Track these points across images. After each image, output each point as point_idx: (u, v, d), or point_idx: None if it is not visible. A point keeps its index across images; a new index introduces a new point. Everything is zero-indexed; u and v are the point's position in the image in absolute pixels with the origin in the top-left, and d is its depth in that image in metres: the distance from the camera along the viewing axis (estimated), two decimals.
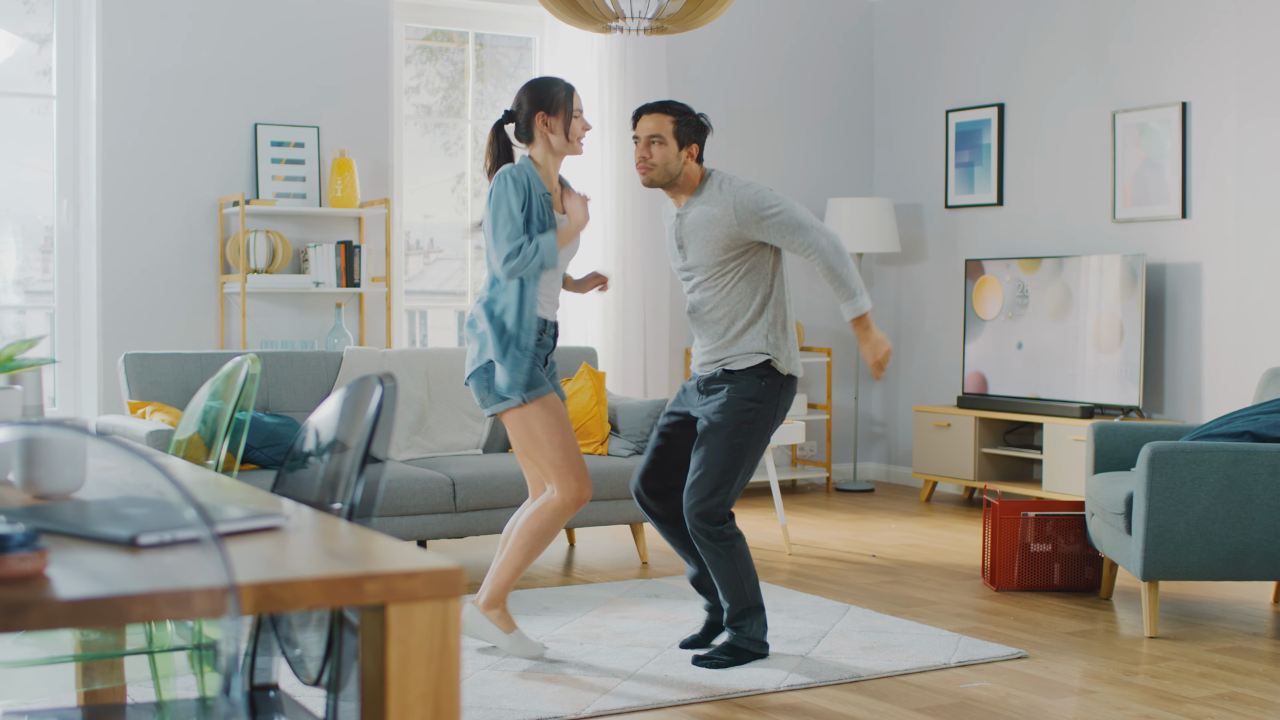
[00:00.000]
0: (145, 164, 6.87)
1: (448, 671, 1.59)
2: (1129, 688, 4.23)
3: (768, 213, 4.38)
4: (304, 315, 7.20)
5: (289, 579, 1.50)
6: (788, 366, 4.47)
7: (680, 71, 8.19)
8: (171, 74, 6.91)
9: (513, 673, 4.26)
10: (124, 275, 6.82)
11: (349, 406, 2.07)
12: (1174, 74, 7.14)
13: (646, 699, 4.01)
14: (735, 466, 4.40)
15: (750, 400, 4.42)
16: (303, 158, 7.21)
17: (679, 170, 4.48)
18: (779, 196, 4.44)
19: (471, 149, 8.12)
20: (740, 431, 4.40)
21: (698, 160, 4.51)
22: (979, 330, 7.93)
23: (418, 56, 8.46)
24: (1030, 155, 7.92)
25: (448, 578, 1.58)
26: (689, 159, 4.49)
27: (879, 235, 8.21)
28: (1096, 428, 5.56)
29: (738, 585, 4.44)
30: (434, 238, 9.31)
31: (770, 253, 4.47)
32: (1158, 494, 4.78)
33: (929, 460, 7.97)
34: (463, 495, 5.63)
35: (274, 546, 1.70)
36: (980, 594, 5.55)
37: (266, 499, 2.06)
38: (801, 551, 6.43)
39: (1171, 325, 7.18)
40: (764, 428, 4.45)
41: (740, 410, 4.41)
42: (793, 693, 4.14)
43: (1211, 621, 5.11)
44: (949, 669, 4.41)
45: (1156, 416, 7.23)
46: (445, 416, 6.27)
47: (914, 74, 8.61)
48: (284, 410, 5.98)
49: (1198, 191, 7.05)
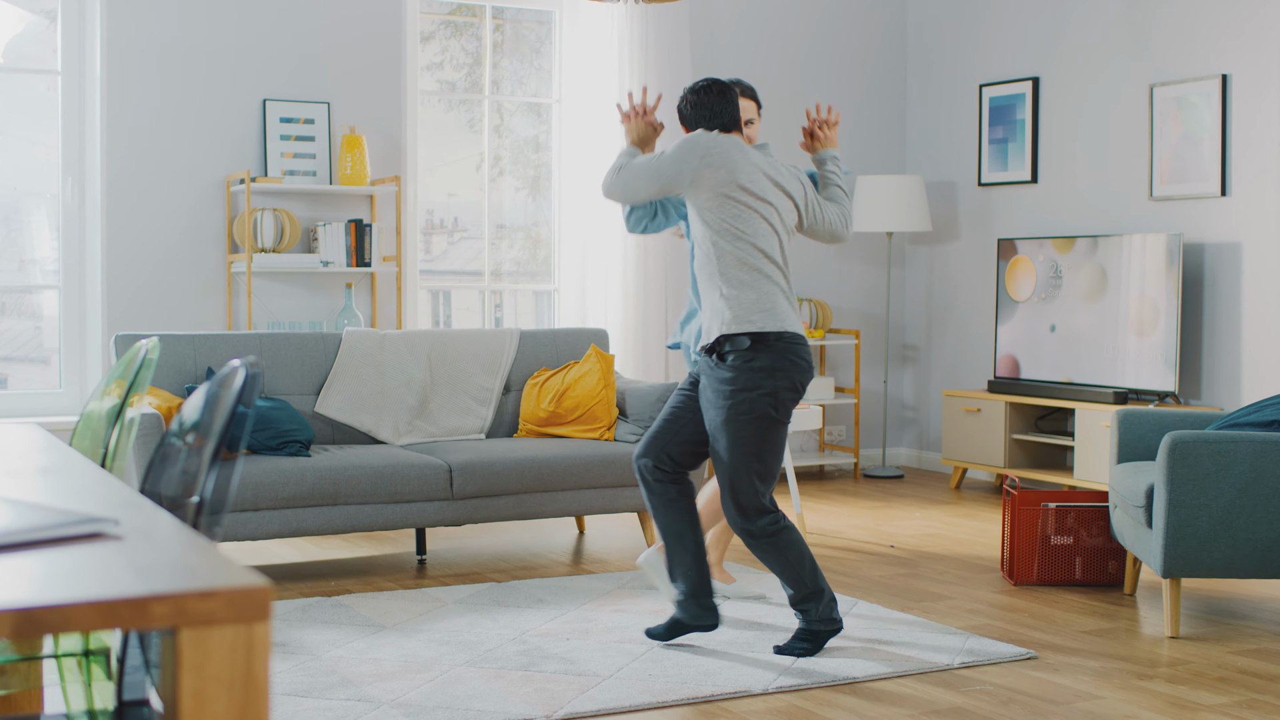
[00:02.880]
0: (151, 141, 6.72)
1: (253, 706, 1.39)
2: (1141, 693, 3.98)
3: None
4: (314, 295, 7.04)
5: (58, 603, 1.30)
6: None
7: (704, 45, 7.95)
8: (178, 49, 6.76)
9: (489, 670, 4.08)
10: (129, 255, 6.69)
11: (213, 394, 1.87)
12: (1214, 45, 6.82)
13: (623, 701, 3.80)
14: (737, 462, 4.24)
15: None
16: (313, 134, 7.05)
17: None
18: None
19: (489, 126, 7.92)
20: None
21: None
22: (1011, 312, 7.66)
23: (441, 32, 8.27)
24: (1065, 131, 7.62)
25: (252, 598, 1.38)
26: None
27: (910, 214, 7.95)
28: (1121, 415, 5.29)
29: (792, 574, 4.27)
30: (458, 217, 9.13)
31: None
32: (1179, 486, 4.52)
33: (959, 446, 7.71)
34: (460, 482, 5.45)
35: (76, 558, 1.51)
36: (998, 588, 5.31)
37: (124, 500, 1.88)
38: (818, 541, 6.20)
39: (1210, 307, 6.88)
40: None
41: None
42: (780, 695, 3.92)
43: (1238, 621, 4.84)
44: (951, 670, 4.17)
45: (1193, 402, 6.93)
46: (448, 400, 6.08)
47: (947, 46, 8.32)
48: (281, 393, 5.82)
49: (1238, 168, 6.73)
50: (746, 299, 4.18)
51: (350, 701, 3.76)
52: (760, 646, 4.36)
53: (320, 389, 5.90)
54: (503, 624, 4.60)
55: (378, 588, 5.22)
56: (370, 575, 5.46)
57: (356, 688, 3.89)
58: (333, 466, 5.26)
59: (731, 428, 4.18)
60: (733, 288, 4.19)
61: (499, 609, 4.81)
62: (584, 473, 5.66)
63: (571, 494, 5.68)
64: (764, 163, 4.28)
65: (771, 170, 4.28)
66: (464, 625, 4.58)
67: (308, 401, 5.86)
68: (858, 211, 7.99)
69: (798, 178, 4.36)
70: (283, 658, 4.19)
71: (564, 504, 5.68)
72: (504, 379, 6.21)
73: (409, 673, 4.04)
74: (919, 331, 8.54)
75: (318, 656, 4.20)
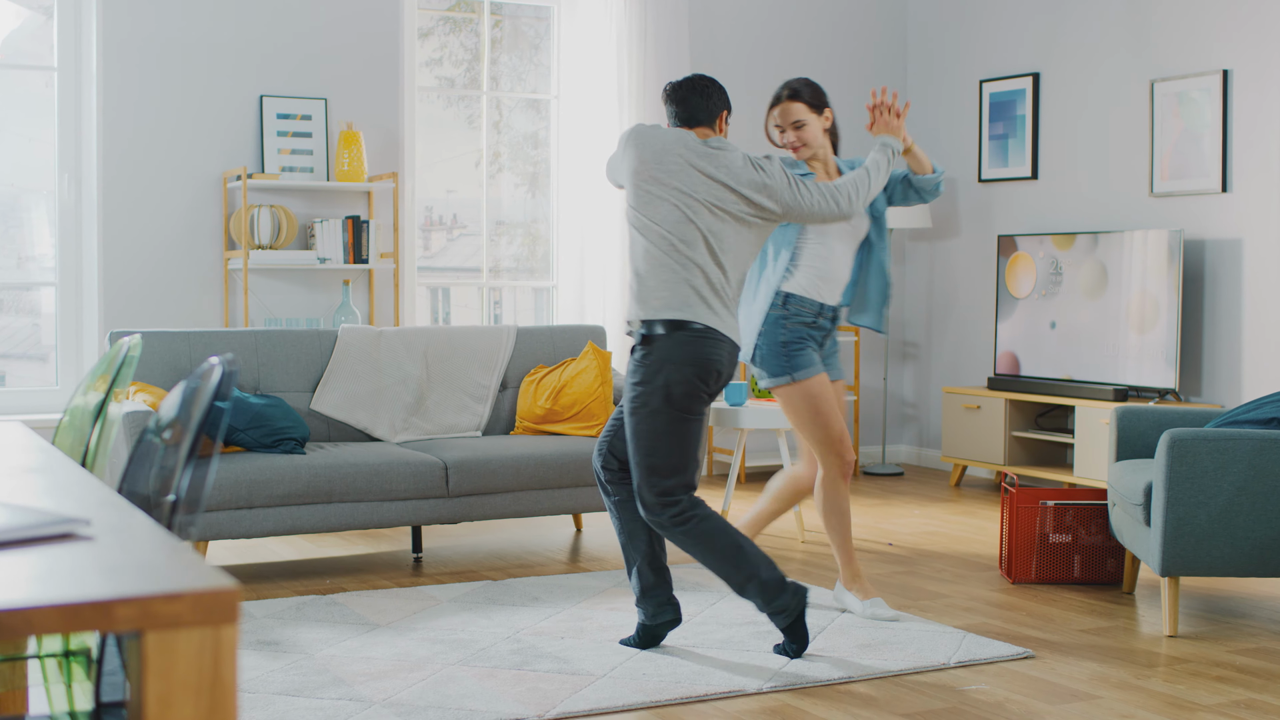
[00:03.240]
0: (148, 137, 6.70)
1: (221, 710, 1.36)
2: (1138, 692, 3.95)
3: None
4: (311, 293, 7.02)
5: (21, 606, 1.28)
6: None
7: (703, 39, 7.92)
8: (174, 45, 6.74)
9: (482, 669, 4.05)
10: (127, 251, 6.66)
11: (190, 390, 1.85)
12: (1215, 40, 6.79)
13: (615, 701, 3.78)
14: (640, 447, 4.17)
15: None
16: (310, 130, 7.03)
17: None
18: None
19: (487, 122, 7.89)
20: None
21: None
22: (1011, 309, 7.63)
23: (441, 28, 8.25)
24: (1066, 127, 7.59)
25: (220, 600, 1.35)
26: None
27: (910, 211, 7.92)
28: (1120, 412, 5.26)
29: (717, 565, 4.14)
30: (457, 213, 9.10)
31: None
32: (1177, 484, 4.49)
33: (958, 444, 7.68)
34: (455, 479, 5.42)
35: (45, 560, 1.48)
36: (995, 587, 5.28)
37: (100, 499, 1.85)
38: (816, 539, 6.18)
39: (1210, 304, 6.85)
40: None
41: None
42: (775, 694, 3.89)
43: (1238, 620, 4.82)
44: (948, 669, 4.15)
45: (1194, 400, 6.90)
46: (445, 397, 6.06)
47: (948, 41, 8.29)
48: (276, 391, 5.80)
49: (1239, 164, 6.70)
50: (648, 288, 4.15)
51: (342, 701, 3.74)
52: (755, 646, 4.34)
53: (316, 386, 5.88)
54: (497, 622, 4.58)
55: (373, 586, 5.20)
56: (366, 573, 5.43)
57: (348, 687, 3.86)
58: (327, 464, 5.24)
59: (630, 420, 4.17)
60: (636, 276, 4.18)
61: (493, 607, 4.79)
62: (581, 470, 5.64)
63: (568, 491, 5.66)
64: (698, 154, 4.19)
65: (705, 162, 4.18)
66: (458, 624, 4.56)
67: (303, 399, 5.84)
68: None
69: (759, 168, 4.23)
70: (275, 656, 4.17)
71: (561, 501, 5.65)
72: (501, 376, 6.19)
73: (401, 672, 4.01)
74: (919, 328, 8.51)
75: (310, 655, 4.18)
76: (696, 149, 4.20)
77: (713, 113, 4.32)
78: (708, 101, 4.30)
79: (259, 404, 5.41)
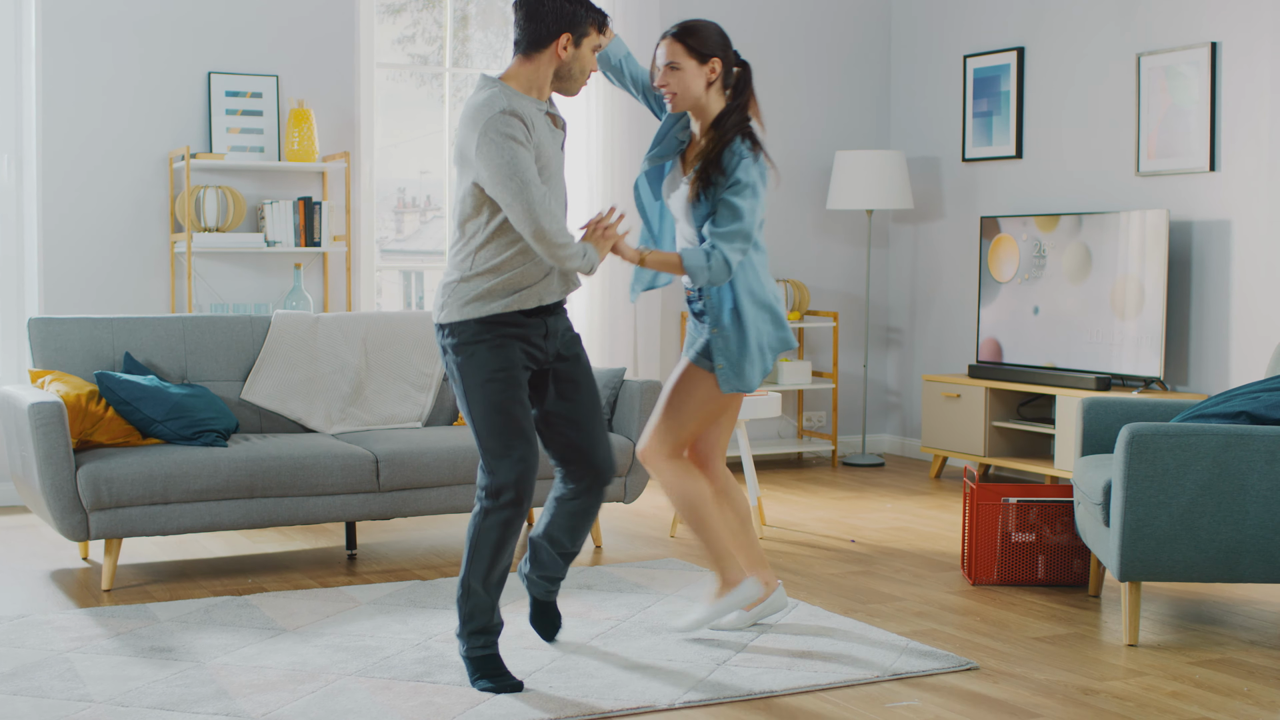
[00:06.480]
0: (89, 116, 6.44)
1: None
2: (1083, 709, 3.66)
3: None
4: (263, 277, 6.75)
5: None
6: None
7: (676, 15, 7.61)
8: (118, 19, 6.47)
9: (378, 681, 3.78)
10: (68, 234, 6.41)
11: None
12: (1203, 11, 6.45)
13: (510, 718, 3.50)
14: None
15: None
16: (260, 109, 6.75)
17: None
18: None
19: (450, 102, 7.60)
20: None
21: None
22: (994, 294, 7.31)
23: (414, 4, 7.97)
24: (1051, 104, 7.26)
25: None
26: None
27: (892, 191, 7.60)
28: (1087, 403, 4.95)
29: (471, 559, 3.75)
30: (431, 195, 8.81)
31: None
32: (1137, 483, 4.18)
33: (939, 434, 7.37)
34: (387, 474, 5.15)
35: None
36: (954, 589, 4.98)
37: None
38: (775, 535, 5.89)
39: (1198, 288, 6.51)
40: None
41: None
42: (687, 711, 3.61)
43: (1206, 626, 4.51)
44: (880, 683, 3.86)
45: (1180, 388, 6.58)
46: (385, 386, 5.79)
47: (931, 16, 7.96)
48: (205, 380, 5.53)
49: (1227, 142, 6.37)
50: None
51: (217, 716, 3.48)
52: (678, 654, 4.06)
53: (248, 375, 5.62)
54: (411, 628, 4.31)
55: (296, 585, 4.94)
56: (292, 572, 5.17)
57: (229, 700, 3.60)
58: (249, 457, 4.97)
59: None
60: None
61: (412, 610, 4.52)
62: None
63: None
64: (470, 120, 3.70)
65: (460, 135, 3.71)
66: (368, 629, 4.29)
67: (234, 388, 5.57)
68: (839, 188, 7.64)
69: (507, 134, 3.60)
70: (163, 665, 3.91)
71: None
72: None
73: (291, 683, 3.75)
74: (902, 313, 8.20)
75: (201, 664, 3.92)
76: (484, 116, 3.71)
77: (539, 36, 3.79)
78: (535, 23, 3.78)
79: (179, 394, 5.15)
